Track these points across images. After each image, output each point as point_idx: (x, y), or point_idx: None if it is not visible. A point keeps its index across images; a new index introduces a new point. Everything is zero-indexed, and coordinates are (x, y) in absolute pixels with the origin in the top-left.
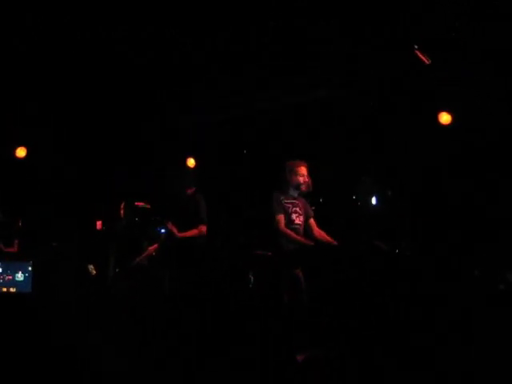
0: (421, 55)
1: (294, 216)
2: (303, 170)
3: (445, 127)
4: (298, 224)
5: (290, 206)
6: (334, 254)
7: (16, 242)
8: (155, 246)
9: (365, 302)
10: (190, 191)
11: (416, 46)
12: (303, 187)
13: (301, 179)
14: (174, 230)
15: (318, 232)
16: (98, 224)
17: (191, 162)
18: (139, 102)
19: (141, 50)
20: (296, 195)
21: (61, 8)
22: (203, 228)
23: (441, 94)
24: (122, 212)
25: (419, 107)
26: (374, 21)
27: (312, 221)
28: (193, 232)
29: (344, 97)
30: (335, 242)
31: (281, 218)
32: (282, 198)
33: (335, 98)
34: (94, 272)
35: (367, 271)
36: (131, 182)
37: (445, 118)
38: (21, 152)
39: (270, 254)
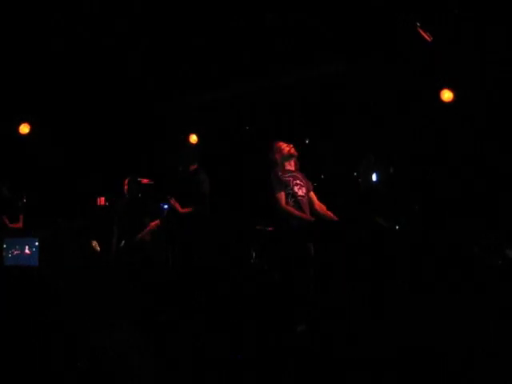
0: (423, 33)
1: (296, 188)
2: (284, 143)
3: (447, 104)
4: (302, 196)
5: (290, 178)
6: (334, 230)
7: (21, 217)
8: (157, 221)
9: (365, 278)
10: (192, 168)
11: (418, 24)
12: (292, 150)
13: (288, 147)
14: (177, 206)
15: (319, 206)
16: (101, 200)
17: (193, 139)
18: (144, 81)
19: (148, 33)
20: (293, 168)
21: None
22: (205, 203)
23: (443, 72)
24: (125, 188)
25: (421, 86)
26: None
27: (312, 194)
28: (195, 208)
29: (347, 74)
30: (336, 218)
31: (281, 196)
32: (280, 173)
33: (338, 76)
34: (98, 248)
35: (367, 247)
36: (134, 158)
37: (447, 95)
38: (24, 128)
39: (270, 229)
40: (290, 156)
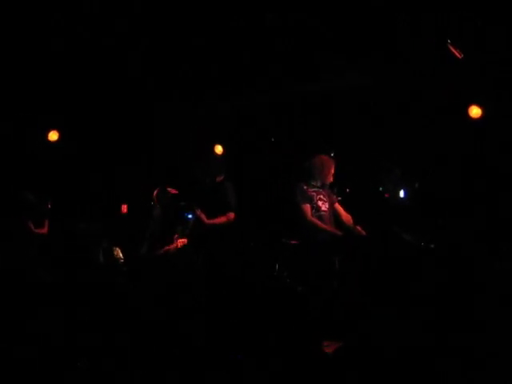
0: (453, 49)
1: (320, 203)
2: (333, 168)
3: (475, 121)
4: (324, 211)
5: (314, 194)
6: (361, 245)
7: (46, 222)
8: (184, 240)
9: (390, 292)
10: (218, 179)
11: (449, 41)
12: (331, 179)
13: (331, 178)
14: (203, 217)
15: (346, 217)
16: (124, 207)
17: (219, 150)
18: (166, 89)
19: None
20: (319, 185)
21: None
22: (231, 215)
23: (471, 88)
24: (155, 199)
25: (449, 100)
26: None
27: (337, 205)
28: (221, 219)
29: (372, 86)
30: (362, 232)
31: (306, 207)
32: (305, 187)
33: (363, 88)
34: (121, 255)
35: (393, 261)
36: (157, 168)
37: (475, 111)
38: (53, 136)
39: (294, 242)
40: (326, 179)
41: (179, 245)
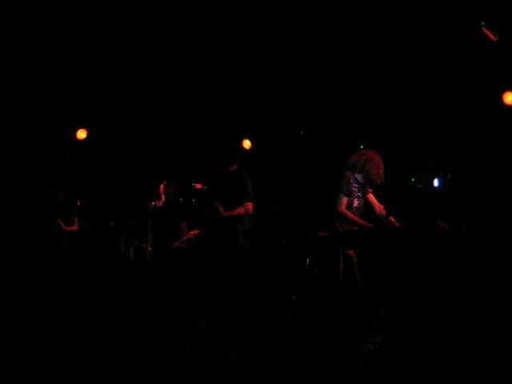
0: (488, 32)
1: (355, 200)
2: (383, 168)
3: (509, 108)
4: (356, 208)
5: (355, 190)
6: (393, 236)
7: (75, 220)
8: (196, 231)
9: (424, 283)
10: (232, 168)
11: (483, 23)
12: (374, 182)
13: (379, 179)
14: (220, 209)
15: (379, 207)
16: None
17: (247, 144)
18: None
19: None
20: (363, 182)
21: None
22: (249, 206)
23: (506, 74)
24: (163, 191)
25: (482, 88)
26: None
27: (371, 196)
28: (238, 210)
29: (404, 77)
30: (395, 222)
31: (344, 200)
32: (351, 181)
33: (394, 78)
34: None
35: (427, 249)
36: (187, 163)
37: (510, 98)
38: (81, 134)
39: (322, 234)
40: (371, 180)
41: (191, 235)
